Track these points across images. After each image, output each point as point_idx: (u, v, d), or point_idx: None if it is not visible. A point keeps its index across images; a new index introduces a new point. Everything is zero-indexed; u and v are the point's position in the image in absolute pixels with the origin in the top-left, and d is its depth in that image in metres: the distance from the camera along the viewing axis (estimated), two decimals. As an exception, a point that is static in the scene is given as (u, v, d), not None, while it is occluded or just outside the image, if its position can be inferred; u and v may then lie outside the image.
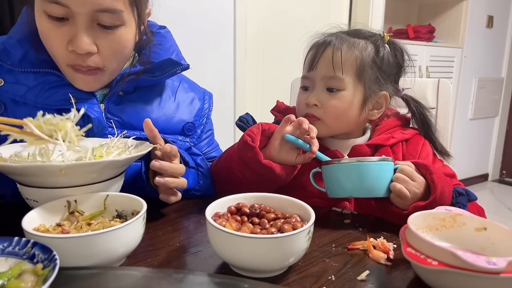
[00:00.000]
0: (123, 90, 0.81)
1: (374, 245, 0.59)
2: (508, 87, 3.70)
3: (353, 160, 0.69)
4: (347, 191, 0.70)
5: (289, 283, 0.50)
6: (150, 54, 0.83)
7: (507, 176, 3.87)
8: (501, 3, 3.46)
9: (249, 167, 0.74)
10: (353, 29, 0.88)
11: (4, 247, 0.44)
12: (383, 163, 0.69)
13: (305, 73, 0.86)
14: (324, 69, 0.82)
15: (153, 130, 0.69)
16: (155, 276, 0.46)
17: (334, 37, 0.84)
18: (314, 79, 0.84)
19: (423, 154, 0.84)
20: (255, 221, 0.54)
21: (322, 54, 0.83)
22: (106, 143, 0.68)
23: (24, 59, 0.74)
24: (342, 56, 0.81)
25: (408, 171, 0.69)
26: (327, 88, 0.82)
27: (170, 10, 1.95)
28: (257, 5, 2.31)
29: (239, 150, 0.76)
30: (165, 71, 0.83)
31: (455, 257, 0.43)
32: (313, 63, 0.83)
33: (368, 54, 0.83)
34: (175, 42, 0.89)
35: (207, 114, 0.96)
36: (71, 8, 0.66)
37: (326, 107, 0.82)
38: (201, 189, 0.81)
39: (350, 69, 0.81)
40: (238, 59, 2.23)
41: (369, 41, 0.84)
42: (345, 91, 0.82)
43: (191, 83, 0.98)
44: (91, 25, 0.69)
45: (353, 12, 2.71)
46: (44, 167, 0.54)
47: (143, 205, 0.54)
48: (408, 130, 0.89)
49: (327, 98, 0.82)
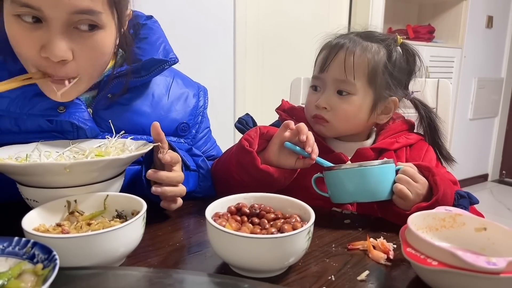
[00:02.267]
0: (111, 92, 0.77)
1: (374, 245, 0.59)
2: (508, 87, 3.70)
3: (355, 165, 0.69)
4: (350, 197, 0.70)
5: (289, 283, 0.50)
6: (130, 56, 0.79)
7: (506, 177, 3.87)
8: (501, 3, 3.46)
9: (246, 171, 0.74)
10: (366, 31, 0.87)
11: (4, 247, 0.44)
12: (385, 166, 0.69)
13: (316, 73, 0.86)
14: (336, 72, 0.81)
15: (160, 133, 0.66)
16: (155, 276, 0.46)
17: (348, 39, 0.83)
18: (325, 80, 0.83)
19: (426, 160, 0.84)
20: (255, 221, 0.54)
21: (335, 56, 0.82)
22: (104, 144, 0.68)
23: (2, 69, 0.69)
24: (355, 61, 0.80)
25: (410, 172, 0.69)
26: (338, 91, 0.82)
27: (170, 10, 1.95)
28: (257, 5, 2.31)
29: (237, 154, 0.75)
30: (151, 70, 0.79)
31: (455, 257, 0.43)
32: (325, 65, 0.82)
33: (381, 60, 0.82)
34: (163, 33, 0.85)
35: (202, 112, 0.93)
36: (44, 12, 0.59)
37: (336, 111, 0.82)
38: (202, 190, 0.81)
39: (362, 74, 0.81)
40: (238, 59, 2.22)
41: (382, 45, 0.83)
42: (355, 95, 0.81)
43: (185, 78, 0.95)
44: (66, 29, 0.61)
45: (353, 12, 2.71)
46: (48, 166, 0.54)
47: (143, 205, 0.54)
48: (413, 135, 0.89)
49: (337, 101, 0.82)
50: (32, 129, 0.72)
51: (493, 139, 3.81)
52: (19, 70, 0.68)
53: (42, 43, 0.62)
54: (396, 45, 0.85)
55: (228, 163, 0.78)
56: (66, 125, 0.73)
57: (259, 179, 0.73)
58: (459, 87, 3.29)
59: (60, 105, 0.71)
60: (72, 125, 0.73)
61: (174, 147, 0.72)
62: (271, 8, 2.39)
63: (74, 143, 0.70)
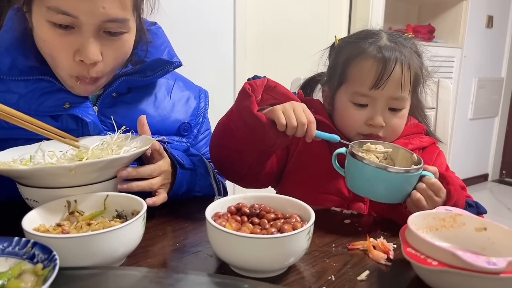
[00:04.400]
0: (115, 91, 0.80)
1: (374, 245, 0.59)
2: (508, 87, 3.70)
3: (381, 166, 0.64)
4: (365, 192, 0.68)
5: (289, 283, 0.50)
6: (146, 54, 0.82)
7: (507, 176, 3.87)
8: (501, 3, 3.45)
9: (241, 116, 0.69)
10: (390, 32, 0.83)
11: (4, 247, 0.44)
12: (412, 174, 0.65)
13: (365, 91, 0.78)
14: (391, 89, 0.77)
15: (144, 125, 0.70)
16: (155, 276, 0.46)
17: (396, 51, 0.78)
18: (376, 98, 0.78)
19: (437, 163, 0.84)
20: (255, 221, 0.54)
21: (392, 72, 0.76)
22: (106, 141, 0.68)
23: (13, 67, 0.72)
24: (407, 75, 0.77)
25: (437, 186, 0.65)
26: (389, 108, 0.80)
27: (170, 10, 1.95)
28: (257, 5, 2.31)
29: (237, 99, 0.71)
30: (157, 71, 0.81)
31: (455, 257, 0.43)
32: (380, 82, 0.76)
33: (418, 67, 0.81)
34: (167, 38, 0.88)
35: (203, 113, 0.95)
36: (80, 19, 0.65)
37: (390, 126, 0.80)
38: (200, 189, 0.81)
39: (409, 86, 0.79)
40: (238, 59, 2.22)
41: (412, 50, 0.81)
42: (405, 109, 0.81)
43: (186, 81, 0.97)
44: (97, 34, 0.68)
45: (353, 12, 2.71)
46: (54, 169, 0.54)
47: (143, 205, 0.54)
48: (426, 138, 0.88)
49: (390, 117, 0.80)
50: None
51: (493, 139, 3.81)
52: (29, 68, 0.72)
53: (75, 47, 0.68)
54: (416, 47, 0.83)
55: (229, 113, 0.75)
56: (71, 123, 0.74)
57: (251, 127, 0.68)
58: (459, 87, 3.29)
59: (66, 102, 0.73)
60: (77, 123, 0.74)
61: (165, 146, 0.73)
62: (271, 8, 2.39)
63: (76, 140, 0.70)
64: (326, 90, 0.89)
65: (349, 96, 0.81)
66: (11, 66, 0.72)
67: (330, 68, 0.89)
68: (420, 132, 0.89)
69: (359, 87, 0.79)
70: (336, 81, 0.84)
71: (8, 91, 0.72)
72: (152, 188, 0.68)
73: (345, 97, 0.82)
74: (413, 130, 0.88)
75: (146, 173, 0.67)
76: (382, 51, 0.77)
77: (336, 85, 0.84)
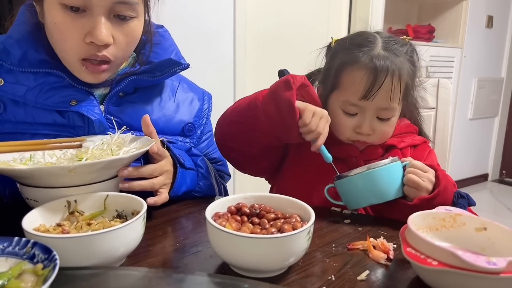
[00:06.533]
0: (123, 91, 0.80)
1: (374, 245, 0.59)
2: (508, 87, 3.70)
3: (363, 169, 0.70)
4: (365, 200, 0.72)
5: (289, 283, 0.50)
6: (150, 54, 0.83)
7: (506, 176, 3.87)
8: (501, 3, 3.46)
9: (276, 101, 0.72)
10: (387, 37, 0.83)
11: (4, 247, 0.44)
12: (393, 165, 0.71)
13: (355, 101, 0.79)
14: (380, 100, 0.78)
15: (149, 126, 0.70)
16: (155, 276, 0.46)
17: (387, 60, 0.78)
18: (365, 107, 0.80)
19: (428, 161, 0.86)
20: (255, 221, 0.54)
21: (382, 84, 0.77)
22: (106, 141, 0.68)
23: (23, 59, 0.73)
24: (396, 87, 0.78)
25: (418, 164, 0.71)
26: (378, 117, 0.81)
27: (170, 10, 1.95)
28: (257, 5, 2.31)
29: (276, 87, 0.73)
30: (165, 71, 0.82)
31: (455, 257, 0.43)
32: (370, 93, 0.77)
33: (409, 76, 0.81)
34: (174, 41, 0.89)
35: (206, 115, 0.96)
36: (92, 0, 0.66)
37: (377, 133, 0.82)
38: (201, 190, 0.81)
39: (399, 96, 0.80)
40: (238, 59, 2.22)
41: (406, 58, 0.81)
42: (394, 117, 0.82)
43: (190, 83, 0.98)
44: (108, 17, 0.69)
45: (353, 12, 2.71)
46: (53, 169, 0.54)
47: (143, 205, 0.54)
48: (418, 137, 0.91)
49: (378, 125, 0.81)
50: (45, 121, 0.74)
51: (493, 139, 3.81)
52: (39, 61, 0.73)
53: (87, 29, 0.69)
54: (412, 52, 0.84)
55: (258, 95, 0.77)
56: (77, 120, 0.75)
57: (283, 116, 0.71)
58: (459, 87, 3.29)
59: (73, 99, 0.74)
60: (84, 120, 0.75)
61: (168, 145, 0.74)
62: (271, 8, 2.39)
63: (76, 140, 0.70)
64: (320, 89, 0.90)
65: (339, 103, 0.82)
66: (21, 58, 0.73)
67: (324, 70, 0.90)
68: (412, 132, 0.91)
69: (349, 97, 0.80)
70: (329, 85, 0.85)
71: (17, 82, 0.73)
72: (154, 187, 0.68)
73: (336, 104, 0.83)
74: (405, 129, 0.90)
75: (147, 173, 0.67)
76: (374, 61, 0.77)
77: (329, 89, 0.85)
